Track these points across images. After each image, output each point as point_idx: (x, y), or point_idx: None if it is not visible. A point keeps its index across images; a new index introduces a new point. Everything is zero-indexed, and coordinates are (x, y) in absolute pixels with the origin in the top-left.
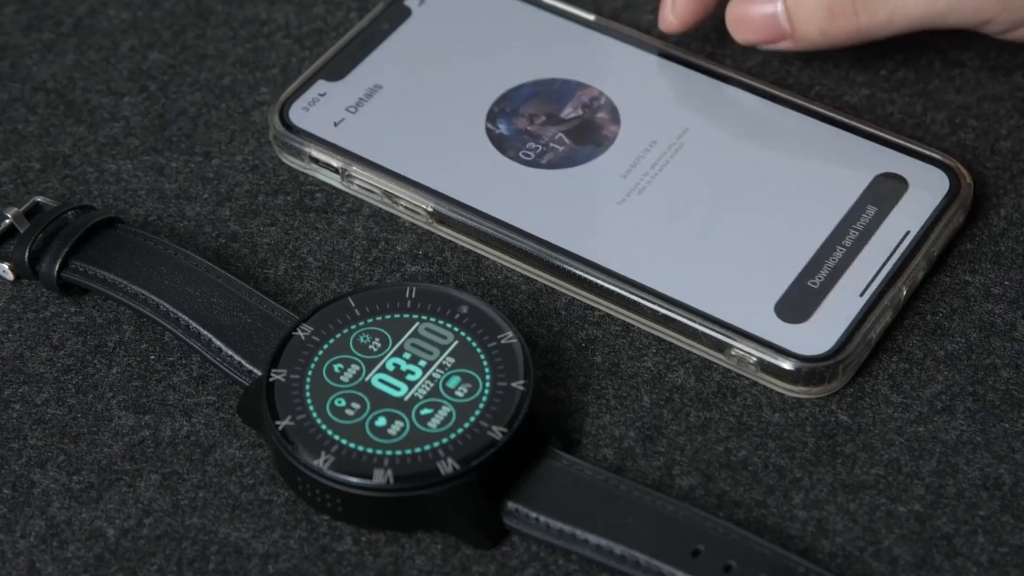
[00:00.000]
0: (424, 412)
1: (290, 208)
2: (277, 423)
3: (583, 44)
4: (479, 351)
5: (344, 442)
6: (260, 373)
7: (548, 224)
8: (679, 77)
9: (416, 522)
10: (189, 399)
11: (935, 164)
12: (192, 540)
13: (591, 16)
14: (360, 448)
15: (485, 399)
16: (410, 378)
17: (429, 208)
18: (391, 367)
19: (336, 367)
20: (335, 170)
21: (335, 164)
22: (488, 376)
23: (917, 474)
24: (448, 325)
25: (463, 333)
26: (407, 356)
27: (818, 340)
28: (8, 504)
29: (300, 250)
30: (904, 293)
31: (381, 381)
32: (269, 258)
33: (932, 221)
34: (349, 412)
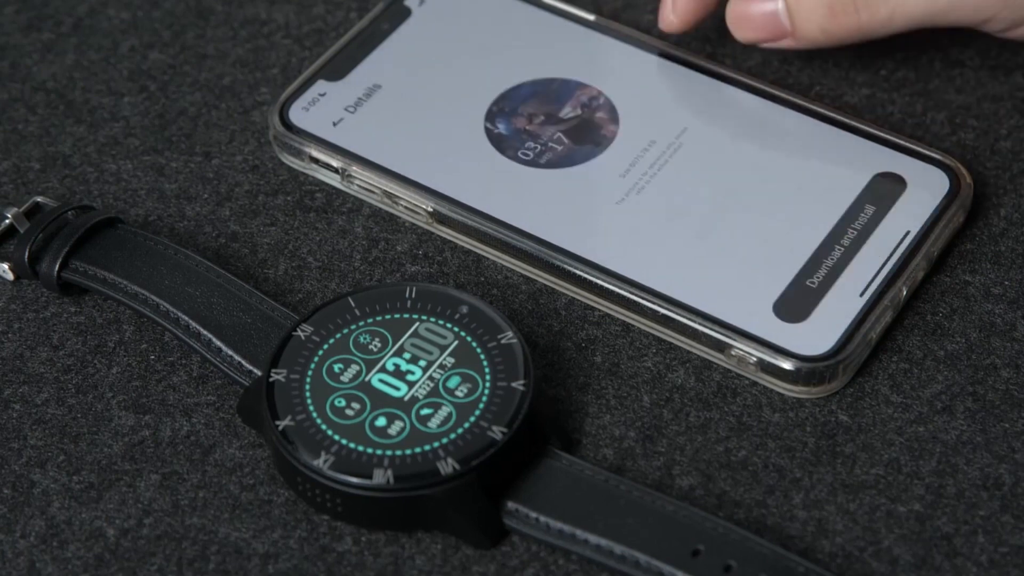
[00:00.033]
0: (424, 412)
1: (290, 208)
2: (277, 423)
3: (582, 44)
4: (479, 351)
5: (344, 442)
6: (260, 373)
7: (547, 224)
8: (678, 77)
9: (416, 522)
10: (189, 399)
11: (935, 164)
12: (192, 540)
13: (591, 16)
14: (360, 448)
15: (485, 399)
16: (410, 378)
17: (429, 208)
18: (391, 367)
19: (336, 367)
20: (335, 170)
21: (335, 164)
22: (488, 376)
23: (917, 474)
24: (448, 325)
25: (463, 333)
26: (407, 356)
27: (818, 340)
28: (8, 504)
29: (300, 250)
30: (904, 293)
31: (381, 381)
32: (269, 258)
33: (932, 221)
34: (349, 412)
